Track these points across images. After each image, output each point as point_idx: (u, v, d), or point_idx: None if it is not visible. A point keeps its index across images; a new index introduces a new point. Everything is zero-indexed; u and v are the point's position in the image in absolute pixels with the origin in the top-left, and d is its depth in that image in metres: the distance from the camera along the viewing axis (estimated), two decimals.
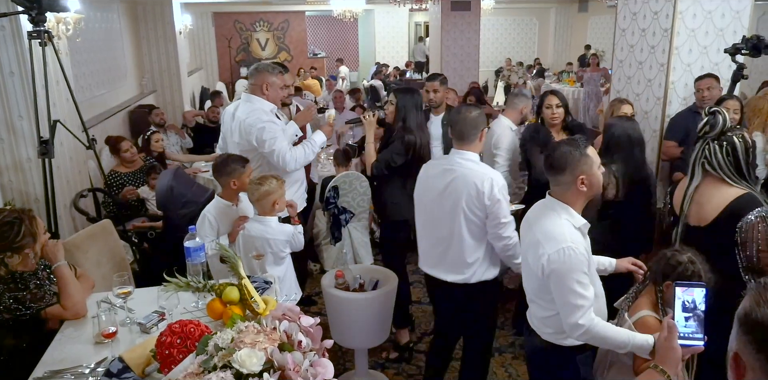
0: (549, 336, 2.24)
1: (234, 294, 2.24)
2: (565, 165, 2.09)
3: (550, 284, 2.08)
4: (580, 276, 2.03)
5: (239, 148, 3.38)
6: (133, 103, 7.76)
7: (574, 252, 2.01)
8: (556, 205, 2.14)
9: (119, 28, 7.70)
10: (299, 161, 3.34)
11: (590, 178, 2.10)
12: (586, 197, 2.17)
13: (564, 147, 2.12)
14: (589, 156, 2.10)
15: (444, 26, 9.79)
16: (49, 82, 3.39)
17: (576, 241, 2.05)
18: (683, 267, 2.15)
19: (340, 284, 3.17)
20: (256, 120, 3.25)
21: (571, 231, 2.08)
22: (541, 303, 2.21)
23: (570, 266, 2.02)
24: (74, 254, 2.99)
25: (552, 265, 2.04)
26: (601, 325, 2.04)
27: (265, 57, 15.10)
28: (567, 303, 2.04)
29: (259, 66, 3.39)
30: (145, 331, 2.25)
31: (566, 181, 2.11)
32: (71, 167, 4.07)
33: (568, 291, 2.03)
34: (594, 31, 14.76)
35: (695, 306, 1.35)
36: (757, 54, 3.70)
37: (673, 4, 4.18)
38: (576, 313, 2.02)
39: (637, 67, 4.67)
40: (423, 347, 3.85)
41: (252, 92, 3.37)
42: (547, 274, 2.07)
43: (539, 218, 2.17)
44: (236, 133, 3.36)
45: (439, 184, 2.69)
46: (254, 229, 2.89)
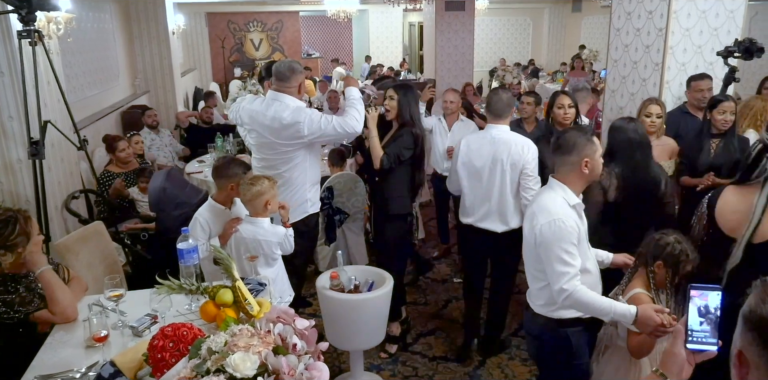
0: (540, 308, 2.39)
1: (228, 297, 2.21)
2: (573, 147, 2.28)
3: (540, 253, 2.27)
4: (568, 246, 2.21)
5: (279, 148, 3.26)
6: (126, 103, 7.71)
7: (564, 224, 2.21)
8: (556, 185, 2.34)
9: (112, 28, 7.65)
10: (360, 118, 3.28)
11: (593, 162, 2.30)
12: (586, 180, 2.35)
13: (572, 132, 2.36)
14: (594, 142, 2.31)
15: (438, 26, 9.77)
16: (40, 83, 3.35)
17: (567, 215, 2.24)
18: (671, 246, 2.31)
19: (335, 285, 3.14)
20: (297, 115, 3.17)
21: (564, 206, 2.27)
22: (534, 274, 2.38)
23: (559, 236, 2.21)
24: (65, 256, 2.96)
25: (543, 235, 2.24)
26: (584, 292, 2.19)
27: (258, 57, 15.04)
28: (554, 271, 2.22)
29: (293, 67, 3.25)
30: (137, 334, 2.21)
31: (572, 161, 2.29)
32: (63, 168, 4.03)
33: (556, 259, 2.21)
34: (587, 30, 14.78)
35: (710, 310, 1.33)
36: (749, 57, 3.70)
37: (667, 3, 4.18)
38: (562, 279, 2.19)
39: (631, 67, 4.66)
40: (419, 348, 3.83)
41: (288, 95, 3.26)
42: (539, 243, 2.26)
43: (538, 195, 2.41)
44: (278, 132, 3.22)
45: (485, 152, 3.28)
46: (246, 231, 2.86)
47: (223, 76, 14.48)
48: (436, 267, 5.07)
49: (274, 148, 3.27)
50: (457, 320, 4.16)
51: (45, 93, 3.68)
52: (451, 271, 4.96)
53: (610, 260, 2.55)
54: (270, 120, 3.19)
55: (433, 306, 4.40)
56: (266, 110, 3.21)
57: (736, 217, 2.40)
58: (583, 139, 2.29)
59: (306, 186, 3.42)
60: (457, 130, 4.73)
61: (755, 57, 3.66)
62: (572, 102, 3.84)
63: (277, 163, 3.31)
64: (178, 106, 9.17)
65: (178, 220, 3.62)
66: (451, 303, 4.43)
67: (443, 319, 4.20)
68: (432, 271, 5.00)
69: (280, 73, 3.25)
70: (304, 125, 3.15)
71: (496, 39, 16.39)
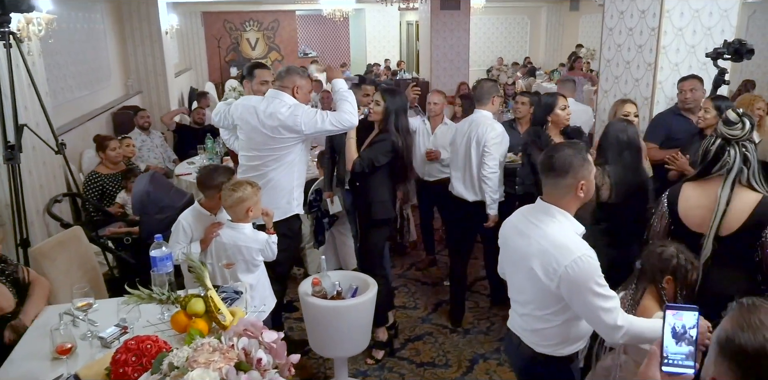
0: (545, 348, 2.15)
1: (199, 306, 2.15)
2: (568, 168, 2.02)
3: (571, 295, 1.98)
4: (600, 280, 1.97)
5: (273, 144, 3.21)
6: (119, 104, 7.64)
7: (590, 258, 1.96)
8: (554, 211, 2.06)
9: (103, 29, 7.58)
10: (353, 111, 3.23)
11: (588, 184, 2.07)
12: (581, 203, 2.12)
13: (567, 150, 2.06)
14: (589, 161, 2.08)
15: (433, 25, 9.70)
16: (17, 85, 3.28)
17: (586, 247, 1.99)
18: (676, 259, 2.22)
19: (317, 292, 3.07)
20: (295, 110, 3.16)
21: (578, 238, 2.03)
22: (540, 315, 2.11)
23: (589, 273, 1.95)
24: (41, 262, 2.90)
25: (573, 275, 1.94)
26: (637, 321, 2.00)
27: (255, 57, 14.97)
28: (596, 310, 1.96)
29: (290, 68, 3.30)
30: (105, 346, 2.15)
31: (567, 184, 2.04)
32: (45, 172, 3.97)
33: (596, 298, 1.95)
34: (585, 29, 14.70)
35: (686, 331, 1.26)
36: (739, 58, 3.62)
37: (660, 2, 4.11)
38: (610, 316, 1.95)
39: (624, 67, 4.59)
40: (407, 353, 3.77)
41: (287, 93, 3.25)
42: (567, 285, 1.97)
43: (539, 226, 2.06)
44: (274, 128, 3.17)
45: (463, 130, 3.85)
46: (226, 236, 2.79)
47: (219, 75, 14.42)
48: (427, 269, 5.01)
49: (267, 145, 3.23)
50: (446, 325, 4.10)
51: (23, 96, 3.61)
52: (442, 274, 4.89)
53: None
54: (267, 116, 3.16)
55: (422, 309, 4.34)
56: (265, 107, 3.19)
57: (700, 213, 2.46)
58: (579, 159, 2.03)
59: (292, 186, 3.37)
60: (440, 133, 4.59)
61: (745, 58, 3.58)
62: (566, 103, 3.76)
63: (266, 161, 3.27)
64: (171, 107, 9.10)
65: (162, 224, 3.55)
66: (441, 306, 4.37)
67: (432, 324, 4.13)
68: (423, 273, 4.94)
69: (278, 73, 3.32)
70: (300, 120, 3.13)
71: (494, 38, 16.31)
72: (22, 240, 3.37)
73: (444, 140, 4.54)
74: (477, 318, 4.17)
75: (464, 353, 3.75)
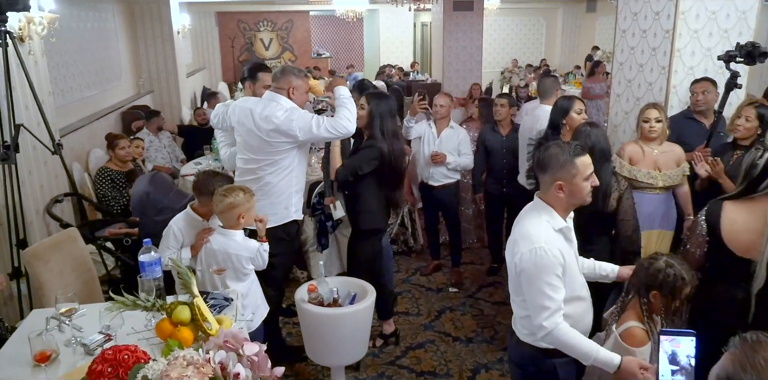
0: (525, 336, 2.22)
1: (184, 314, 2.08)
2: (547, 166, 2.09)
3: (522, 282, 2.09)
4: (550, 278, 2.03)
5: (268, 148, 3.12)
6: (129, 103, 7.65)
7: (545, 252, 2.01)
8: (539, 206, 2.15)
9: (114, 28, 7.59)
10: (352, 118, 3.12)
11: (569, 186, 2.08)
12: (567, 203, 2.13)
13: (554, 148, 2.11)
14: (575, 164, 2.06)
15: (446, 26, 9.61)
16: (17, 85, 3.25)
17: (550, 242, 2.04)
18: (663, 273, 2.14)
19: (313, 298, 3.00)
20: (290, 114, 3.07)
21: (548, 232, 2.07)
22: (518, 302, 2.21)
23: (541, 266, 2.02)
24: (34, 264, 2.85)
25: (523, 264, 2.05)
26: (565, 331, 2.02)
27: (268, 57, 14.98)
28: (534, 304, 2.05)
29: (285, 68, 3.21)
30: (89, 353, 2.09)
31: (545, 181, 2.12)
32: (46, 172, 3.94)
33: (537, 292, 2.04)
34: (602, 31, 14.50)
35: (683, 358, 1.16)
36: (752, 62, 3.47)
37: (674, 4, 3.99)
38: (541, 314, 2.03)
39: (637, 70, 4.47)
40: (407, 362, 3.68)
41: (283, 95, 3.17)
42: (519, 273, 2.08)
43: (522, 218, 2.19)
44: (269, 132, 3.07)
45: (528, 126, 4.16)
46: (216, 242, 2.71)
47: (232, 75, 14.45)
48: (432, 275, 4.92)
49: (262, 149, 3.14)
50: (449, 333, 4.00)
51: (27, 96, 3.58)
52: (447, 280, 4.80)
53: (615, 274, 2.38)
54: (263, 119, 3.07)
55: (425, 316, 4.25)
56: (262, 109, 3.09)
57: (749, 237, 2.21)
58: (561, 159, 2.06)
59: (290, 191, 3.27)
60: (446, 137, 4.47)
61: (758, 61, 3.44)
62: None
63: (262, 165, 3.18)
64: (182, 107, 9.11)
65: (161, 226, 3.49)
66: (445, 313, 4.27)
67: (435, 331, 4.03)
68: (428, 278, 4.86)
69: (274, 74, 3.23)
70: (296, 125, 3.04)
71: (509, 39, 16.15)
72: (18, 241, 3.34)
73: (450, 144, 4.45)
74: (480, 327, 4.08)
75: (466, 362, 3.66)
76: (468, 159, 4.44)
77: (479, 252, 5.32)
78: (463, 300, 4.46)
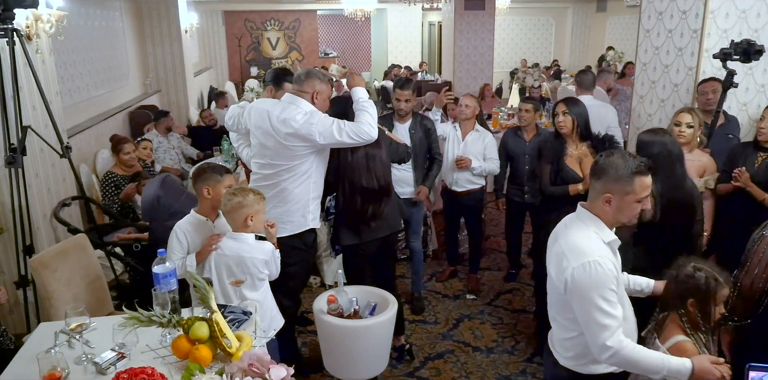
0: (568, 361, 2.08)
1: (203, 331, 1.95)
2: (602, 174, 1.96)
3: (573, 301, 1.93)
4: (606, 293, 1.87)
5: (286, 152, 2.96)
6: (137, 102, 7.54)
7: (600, 266, 1.87)
8: (585, 217, 2.01)
9: (122, 27, 7.48)
10: (373, 122, 2.97)
11: (618, 202, 1.94)
12: (613, 219, 1.99)
13: (617, 158, 1.95)
14: (632, 181, 1.91)
15: (457, 26, 9.47)
16: (24, 85, 3.13)
17: (603, 255, 1.90)
18: (694, 279, 2.05)
19: (332, 310, 2.87)
20: (310, 118, 2.90)
21: (599, 245, 1.94)
22: (563, 323, 2.06)
23: (596, 281, 1.86)
24: (41, 273, 2.73)
25: (576, 280, 1.89)
26: (630, 347, 1.87)
27: (275, 56, 14.87)
28: (593, 323, 1.88)
29: (311, 71, 3.03)
30: (100, 372, 1.96)
31: (596, 189, 1.99)
32: (53, 174, 3.82)
33: (594, 309, 1.87)
34: (613, 31, 14.33)
35: None
36: (747, 59, 3.39)
37: (703, 2, 3.85)
38: (603, 333, 1.86)
39: (662, 71, 4.33)
40: (426, 373, 3.55)
41: (304, 99, 2.99)
42: (570, 290, 1.92)
43: (567, 229, 2.04)
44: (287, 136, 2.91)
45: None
46: (228, 248, 2.57)
47: (239, 74, 14.34)
48: (448, 281, 4.78)
49: (279, 153, 2.98)
50: (468, 342, 3.87)
51: (34, 96, 3.47)
52: (464, 286, 4.67)
53: (650, 288, 2.25)
54: (281, 122, 2.92)
55: (442, 325, 4.11)
56: (280, 112, 2.94)
57: None
58: (620, 171, 1.90)
59: (308, 198, 3.10)
60: (471, 141, 4.30)
61: (753, 59, 3.34)
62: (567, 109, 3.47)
63: (278, 171, 3.02)
64: (189, 106, 9.01)
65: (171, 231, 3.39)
66: (463, 322, 4.14)
67: (454, 341, 3.90)
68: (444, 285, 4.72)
69: (297, 76, 3.05)
70: (315, 129, 2.87)
71: (518, 39, 15.99)
72: (25, 247, 3.22)
73: (475, 148, 4.28)
74: (501, 336, 3.94)
75: (488, 374, 3.52)
76: (494, 164, 4.27)
77: (496, 258, 5.18)
78: (481, 308, 4.33)
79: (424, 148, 4.06)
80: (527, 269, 4.82)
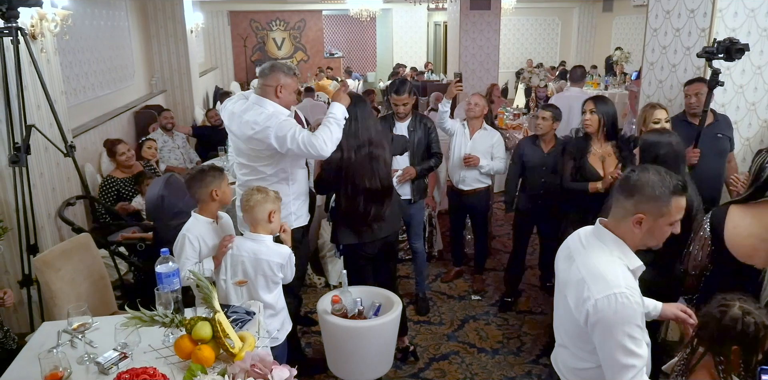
0: None
1: (205, 331, 1.94)
2: (635, 192, 1.74)
3: (594, 336, 1.73)
4: (633, 330, 1.68)
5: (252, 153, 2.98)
6: (142, 103, 7.54)
7: (628, 300, 1.67)
8: (608, 239, 1.80)
9: (127, 26, 7.48)
10: (330, 141, 2.84)
11: (650, 223, 1.74)
12: (639, 242, 1.80)
13: (653, 174, 1.75)
14: (669, 203, 1.72)
15: (462, 26, 9.43)
16: (26, 84, 3.12)
17: (630, 286, 1.70)
18: (742, 323, 1.76)
19: (336, 310, 2.85)
20: (272, 119, 2.85)
21: (624, 273, 1.73)
22: (577, 353, 1.87)
23: (622, 317, 1.66)
24: (45, 272, 2.73)
25: (600, 313, 1.68)
26: None
27: (281, 56, 14.87)
28: (615, 362, 1.69)
29: (275, 64, 2.96)
30: (103, 372, 1.95)
31: (625, 207, 1.76)
32: (58, 174, 3.81)
33: (617, 347, 1.68)
34: (619, 31, 14.28)
35: None
36: (730, 58, 3.35)
37: (711, 1, 3.81)
38: (625, 375, 1.68)
39: (669, 70, 4.29)
40: (431, 374, 3.52)
41: (263, 94, 2.93)
42: (592, 324, 1.72)
43: (586, 251, 1.82)
44: (248, 138, 2.91)
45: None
46: (245, 248, 2.55)
47: (244, 74, 14.36)
48: (453, 282, 4.76)
49: (249, 154, 2.98)
50: (473, 343, 3.84)
51: (38, 95, 3.46)
52: (469, 287, 4.64)
53: (658, 312, 2.06)
54: (244, 124, 2.88)
55: (447, 326, 4.09)
56: (243, 113, 2.91)
57: (750, 242, 2.17)
58: (658, 192, 1.70)
59: (288, 200, 3.05)
60: (479, 139, 4.26)
61: (735, 58, 3.31)
62: (595, 108, 3.43)
63: (253, 171, 3.01)
64: (195, 106, 9.01)
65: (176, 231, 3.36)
66: (468, 323, 4.11)
67: (459, 342, 3.87)
68: (449, 285, 4.70)
69: (261, 70, 2.99)
70: (272, 132, 2.81)
71: (523, 39, 15.96)
72: (29, 246, 3.21)
73: (483, 146, 4.24)
74: (506, 337, 3.91)
75: (493, 376, 3.50)
76: (501, 163, 4.24)
77: (501, 258, 5.15)
78: (486, 309, 4.30)
79: (422, 146, 3.99)
80: (533, 270, 4.79)
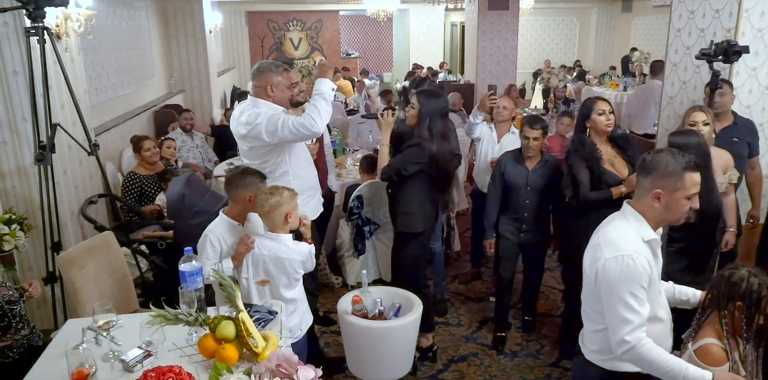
0: (594, 354, 2.08)
1: (229, 330, 1.94)
2: (651, 170, 1.94)
3: (601, 292, 1.94)
4: (635, 289, 1.87)
5: (251, 152, 3.08)
6: (161, 102, 7.60)
7: (633, 261, 1.86)
8: (629, 213, 2.00)
9: (147, 26, 7.55)
10: (319, 117, 2.89)
11: (668, 198, 1.91)
12: (660, 217, 1.97)
13: (666, 154, 1.95)
14: (683, 177, 1.90)
15: (480, 26, 9.41)
16: (51, 83, 3.16)
17: (638, 252, 1.89)
18: (747, 282, 1.99)
19: (357, 311, 2.85)
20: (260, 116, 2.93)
21: (636, 241, 1.92)
22: (591, 315, 2.07)
23: (627, 276, 1.86)
24: (69, 270, 2.76)
25: (607, 272, 1.89)
26: (649, 347, 1.86)
27: (297, 57, 14.90)
28: (616, 316, 1.89)
29: (261, 65, 3.06)
30: (127, 370, 1.96)
31: (644, 185, 1.97)
32: (81, 172, 3.85)
33: (619, 302, 1.87)
34: (638, 32, 14.13)
35: None
36: (727, 60, 3.33)
37: (737, 1, 3.76)
38: (624, 328, 1.86)
39: (693, 71, 4.24)
40: (449, 376, 3.51)
41: (257, 95, 3.03)
42: (600, 281, 1.93)
43: (608, 223, 2.05)
44: (243, 137, 3.04)
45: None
46: (265, 247, 2.55)
47: None
48: (471, 284, 4.73)
49: (248, 153, 3.09)
50: (491, 345, 3.82)
51: (63, 94, 3.50)
52: (487, 289, 4.61)
53: (697, 299, 2.18)
54: (240, 125, 3.00)
55: (466, 327, 4.07)
56: (239, 115, 3.03)
57: None
58: (671, 167, 1.90)
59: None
60: (507, 143, 4.18)
61: (732, 60, 3.33)
62: (611, 108, 3.36)
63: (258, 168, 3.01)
64: (213, 106, 9.06)
65: (196, 229, 3.37)
66: (486, 324, 4.09)
67: (477, 343, 3.85)
68: (467, 287, 4.68)
69: (252, 73, 3.11)
70: (262, 127, 2.90)
71: (541, 40, 15.85)
72: (53, 243, 3.25)
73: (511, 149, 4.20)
74: (525, 340, 3.88)
75: (512, 378, 3.47)
76: None
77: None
78: None
79: None
80: (551, 272, 4.75)
